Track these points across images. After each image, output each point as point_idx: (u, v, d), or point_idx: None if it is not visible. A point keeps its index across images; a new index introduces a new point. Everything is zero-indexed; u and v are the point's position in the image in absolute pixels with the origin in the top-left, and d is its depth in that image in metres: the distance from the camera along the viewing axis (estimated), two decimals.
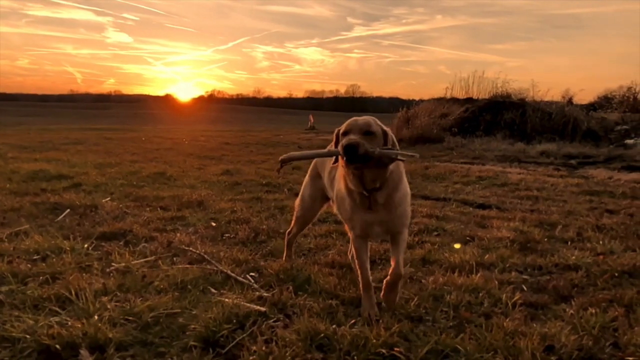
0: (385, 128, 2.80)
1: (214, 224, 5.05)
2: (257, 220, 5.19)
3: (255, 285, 3.32)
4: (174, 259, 3.89)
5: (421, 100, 20.64)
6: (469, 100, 20.44)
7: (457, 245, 4.22)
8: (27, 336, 2.41)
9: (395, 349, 2.40)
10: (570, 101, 20.15)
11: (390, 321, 2.71)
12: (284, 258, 3.89)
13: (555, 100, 19.06)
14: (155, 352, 2.43)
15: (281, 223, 5.08)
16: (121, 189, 6.89)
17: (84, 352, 2.27)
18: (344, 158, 2.58)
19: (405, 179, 2.98)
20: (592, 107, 20.70)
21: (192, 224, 5.07)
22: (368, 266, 3.07)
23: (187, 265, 3.66)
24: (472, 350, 2.38)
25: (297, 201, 3.83)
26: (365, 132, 2.67)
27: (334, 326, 2.62)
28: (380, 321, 2.75)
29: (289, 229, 3.90)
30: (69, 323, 2.57)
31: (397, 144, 2.88)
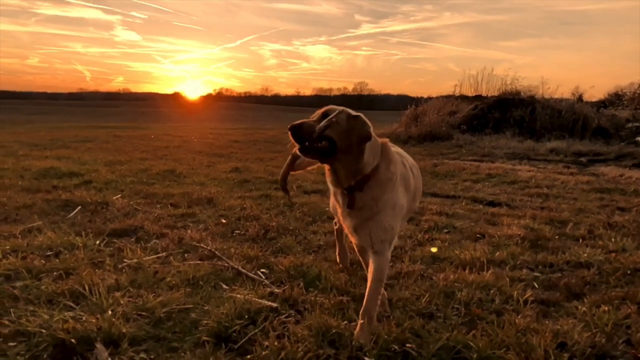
0: (353, 113, 2.51)
1: (224, 221, 5.07)
2: (267, 217, 5.20)
3: (266, 282, 3.34)
4: (185, 255, 3.91)
5: (429, 98, 20.63)
6: (478, 97, 20.36)
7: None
8: (43, 330, 2.44)
9: (407, 345, 2.41)
10: (580, 98, 20.02)
11: (402, 317, 2.71)
12: (337, 254, 3.78)
13: (565, 97, 18.96)
14: (168, 347, 2.46)
15: (291, 220, 5.09)
16: (131, 186, 6.93)
17: (99, 347, 2.29)
18: (297, 147, 2.38)
19: (396, 190, 2.65)
20: (602, 104, 20.52)
21: (202, 220, 5.10)
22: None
23: (198, 262, 3.69)
24: (484, 347, 2.38)
25: None
26: (324, 115, 2.47)
27: (345, 322, 2.63)
28: (392, 317, 2.76)
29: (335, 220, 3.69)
30: (84, 318, 2.60)
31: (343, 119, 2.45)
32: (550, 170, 9.69)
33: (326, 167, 2.59)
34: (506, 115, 16.63)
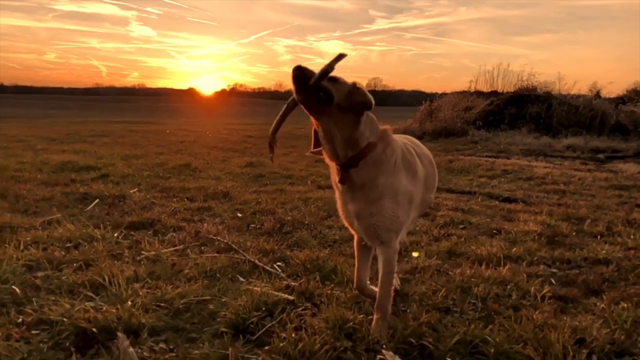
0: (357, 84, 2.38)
1: (239, 215, 5.11)
2: (282, 212, 5.22)
3: (283, 275, 3.36)
4: (202, 248, 3.95)
5: (444, 94, 20.42)
6: (494, 93, 20.15)
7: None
8: (65, 319, 2.48)
9: (424, 338, 2.41)
10: (598, 94, 19.69)
11: (418, 312, 2.72)
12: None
13: (583, 93, 18.66)
14: (187, 337, 2.49)
15: (306, 215, 5.11)
16: (148, 180, 7.00)
17: (121, 336, 2.33)
18: (294, 87, 2.24)
19: (397, 175, 2.51)
20: (620, 100, 20.16)
21: (218, 214, 5.14)
22: (363, 274, 2.83)
23: (215, 254, 3.72)
24: (502, 342, 2.37)
25: None
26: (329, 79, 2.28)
27: (362, 316, 2.64)
28: (408, 311, 2.77)
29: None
30: (104, 308, 2.64)
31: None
32: (567, 166, 9.58)
33: (322, 137, 2.40)
34: (522, 112, 16.45)
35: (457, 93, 20.13)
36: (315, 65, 2.26)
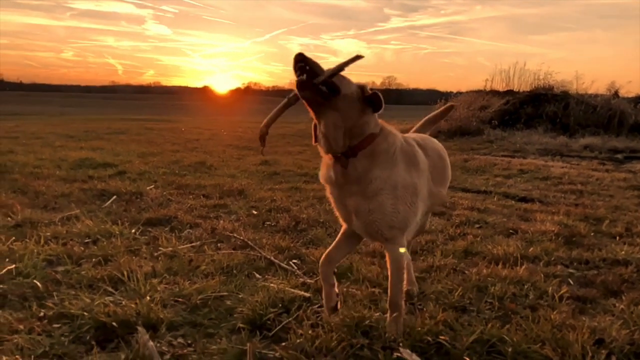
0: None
1: (255, 212, 5.13)
2: (297, 209, 5.24)
3: (299, 272, 3.38)
4: (219, 244, 3.98)
5: (459, 93, 20.30)
6: (510, 92, 19.93)
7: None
8: (85, 313, 2.52)
9: (441, 337, 2.40)
10: (616, 94, 19.40)
11: (435, 310, 2.71)
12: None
13: (600, 92, 18.39)
14: (205, 332, 2.51)
15: (321, 212, 5.11)
16: (164, 177, 7.07)
17: (141, 330, 2.36)
18: (297, 79, 2.17)
19: (398, 164, 2.39)
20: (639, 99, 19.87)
21: (233, 211, 5.17)
22: (333, 255, 2.65)
23: (232, 251, 3.75)
24: (519, 341, 2.36)
25: None
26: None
27: (378, 314, 2.64)
28: (424, 310, 2.76)
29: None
30: (123, 302, 2.67)
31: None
32: (584, 166, 9.47)
33: (320, 128, 2.32)
34: (539, 111, 16.29)
35: (472, 92, 19.98)
36: (330, 64, 2.23)
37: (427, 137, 3.02)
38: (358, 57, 2.16)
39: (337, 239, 2.70)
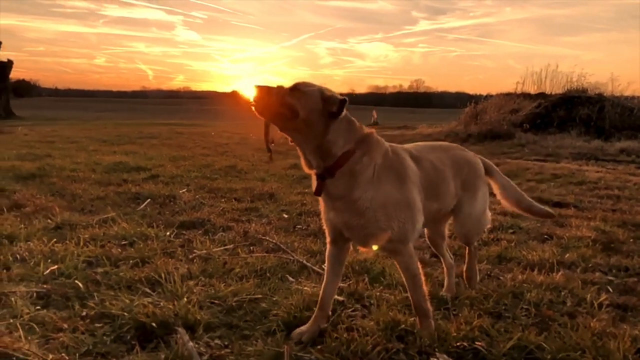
0: (325, 90, 2.28)
1: (285, 216, 5.17)
2: None
3: None
4: (251, 247, 4.03)
5: (489, 95, 20.00)
6: (541, 95, 19.54)
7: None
8: (125, 314, 2.58)
9: (477, 342, 2.39)
10: None
11: (470, 316, 2.68)
12: None
13: (637, 95, 17.90)
14: (241, 334, 2.54)
15: None
16: (196, 181, 7.18)
17: (181, 331, 2.41)
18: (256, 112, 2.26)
19: (381, 182, 2.32)
20: None
21: (265, 215, 5.22)
22: (329, 290, 2.60)
23: (265, 254, 3.79)
24: (558, 349, 2.32)
25: None
26: (292, 89, 2.26)
27: (413, 319, 2.63)
28: (459, 315, 2.74)
29: None
30: (161, 304, 2.73)
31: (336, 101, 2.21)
32: (620, 171, 9.23)
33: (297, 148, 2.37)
34: (572, 114, 15.93)
35: (502, 95, 19.65)
36: (357, 67, 2.23)
37: (435, 146, 2.92)
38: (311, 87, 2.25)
39: (326, 269, 2.65)
